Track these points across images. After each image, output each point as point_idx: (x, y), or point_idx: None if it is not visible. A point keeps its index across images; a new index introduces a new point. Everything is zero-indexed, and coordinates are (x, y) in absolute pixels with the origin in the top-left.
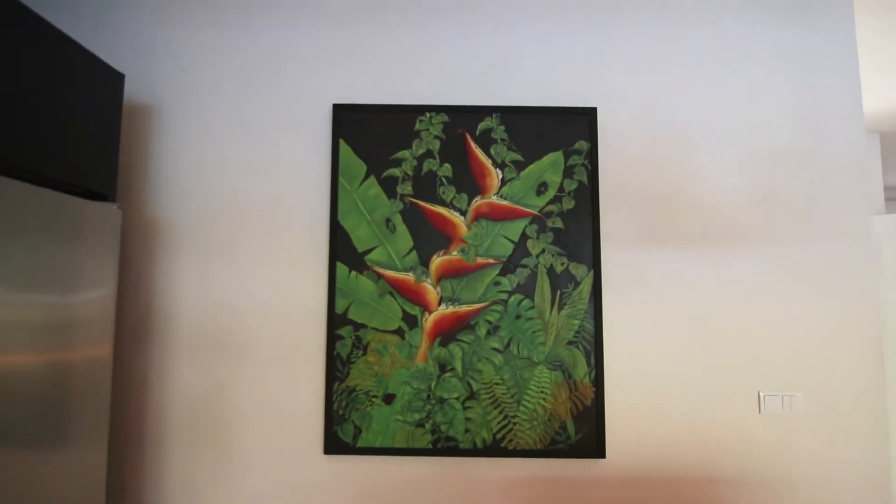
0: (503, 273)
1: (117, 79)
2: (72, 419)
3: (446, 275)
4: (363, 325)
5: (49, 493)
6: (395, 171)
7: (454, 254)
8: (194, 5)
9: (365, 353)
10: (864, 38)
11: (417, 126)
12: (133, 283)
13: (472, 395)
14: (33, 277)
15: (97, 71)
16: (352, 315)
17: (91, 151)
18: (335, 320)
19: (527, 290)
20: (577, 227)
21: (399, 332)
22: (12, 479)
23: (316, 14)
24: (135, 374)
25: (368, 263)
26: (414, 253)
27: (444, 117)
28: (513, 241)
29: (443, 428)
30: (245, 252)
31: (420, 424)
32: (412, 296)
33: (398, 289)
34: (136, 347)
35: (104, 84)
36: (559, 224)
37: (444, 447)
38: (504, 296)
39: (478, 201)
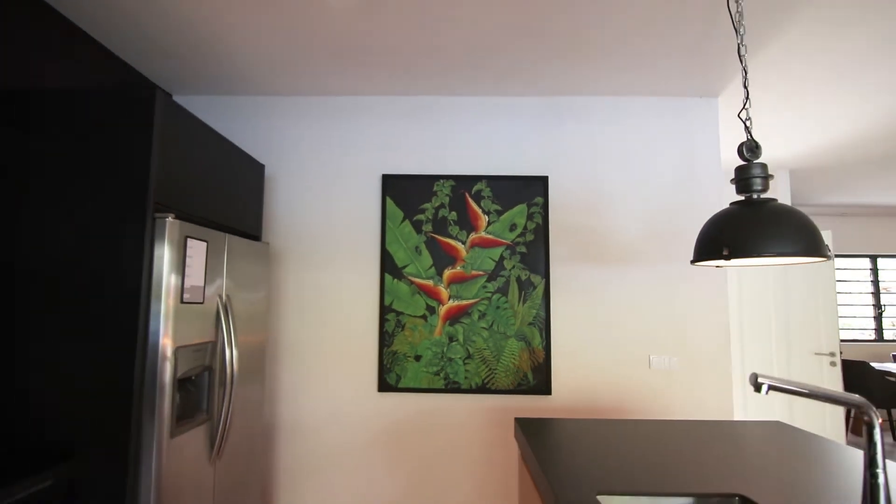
0: (489, 280)
1: (261, 167)
2: (255, 371)
3: (453, 281)
4: (401, 312)
5: (253, 402)
6: (421, 217)
7: (458, 268)
8: (301, 111)
9: (403, 329)
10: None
11: (435, 188)
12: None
13: (469, 356)
14: (243, 285)
15: (252, 165)
16: (394, 306)
17: (250, 212)
18: (384, 309)
19: (503, 291)
20: (535, 251)
21: (424, 317)
22: (244, 399)
23: (372, 115)
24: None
25: (405, 274)
26: (433, 268)
27: (452, 182)
28: (495, 260)
29: (451, 376)
30: (327, 267)
31: (437, 374)
32: (432, 294)
33: (423, 290)
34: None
35: (255, 172)
36: (524, 250)
37: (452, 388)
38: (489, 294)
39: (473, 235)
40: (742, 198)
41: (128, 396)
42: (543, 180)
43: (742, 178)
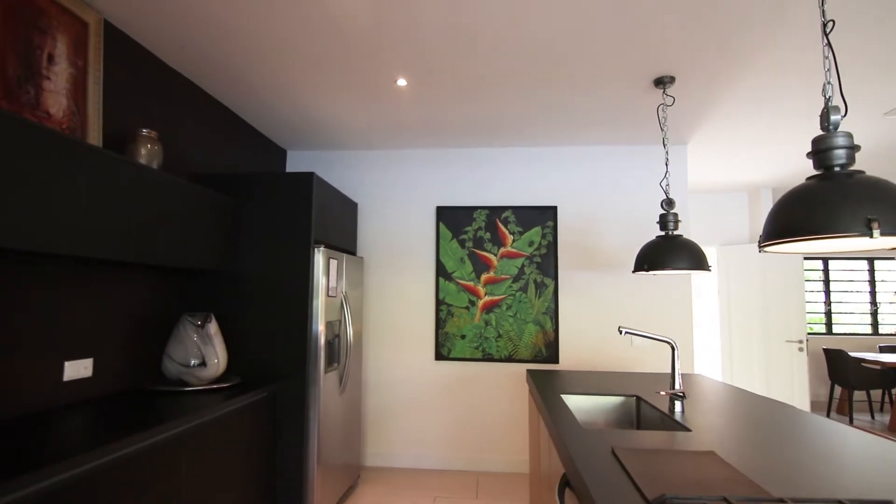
0: (513, 282)
1: (355, 205)
2: (357, 345)
3: (488, 283)
4: (451, 304)
5: (356, 365)
6: (465, 236)
7: (491, 273)
8: (379, 161)
9: (452, 317)
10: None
11: (474, 215)
12: None
13: (499, 336)
14: (352, 286)
15: (351, 204)
16: (446, 300)
17: (350, 236)
18: (438, 302)
19: (524, 289)
20: (547, 261)
21: (467, 308)
22: (353, 362)
23: (429, 163)
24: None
25: (453, 277)
26: (473, 273)
27: (487, 211)
28: (518, 268)
29: (486, 350)
30: (398, 273)
31: (476, 348)
32: (473, 292)
33: (466, 289)
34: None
35: (352, 209)
36: (539, 260)
37: (487, 358)
38: (514, 292)
39: (502, 250)
40: (662, 233)
41: (304, 348)
42: (554, 209)
43: (661, 222)
